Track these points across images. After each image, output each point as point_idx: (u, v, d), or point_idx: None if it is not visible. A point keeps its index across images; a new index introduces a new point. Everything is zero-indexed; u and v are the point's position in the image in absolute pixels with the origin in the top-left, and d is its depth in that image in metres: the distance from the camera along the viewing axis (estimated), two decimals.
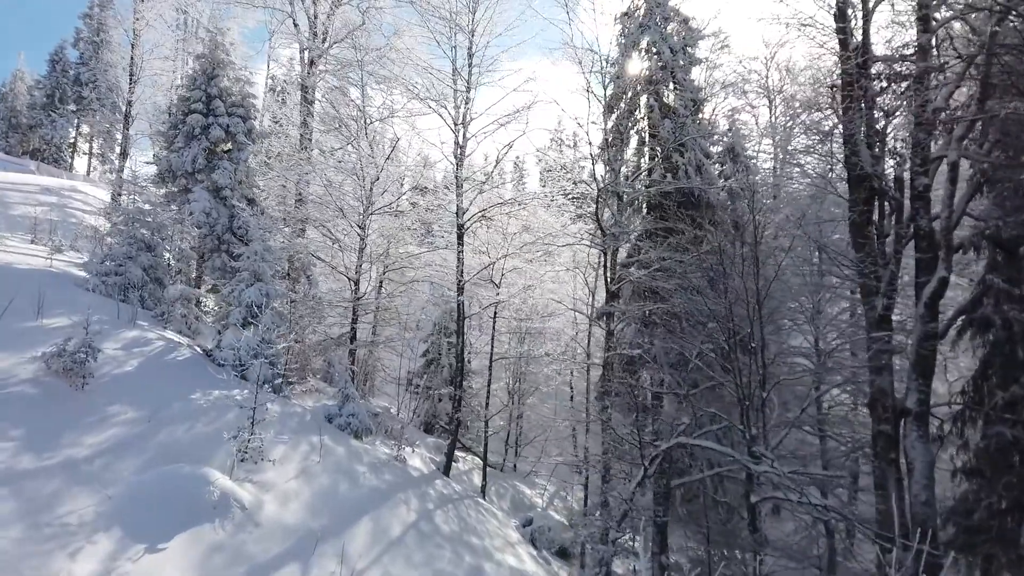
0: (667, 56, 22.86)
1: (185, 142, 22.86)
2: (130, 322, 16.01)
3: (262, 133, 24.41)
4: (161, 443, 11.73)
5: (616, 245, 19.64)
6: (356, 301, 20.91)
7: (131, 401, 12.53)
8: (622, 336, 21.01)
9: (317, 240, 23.57)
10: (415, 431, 22.61)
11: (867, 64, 16.21)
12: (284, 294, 18.45)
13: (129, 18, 32.12)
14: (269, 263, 17.60)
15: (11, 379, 11.63)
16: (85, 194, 34.92)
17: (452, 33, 20.71)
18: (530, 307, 22.98)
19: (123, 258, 18.52)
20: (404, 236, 23.01)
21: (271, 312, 17.17)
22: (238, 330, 16.77)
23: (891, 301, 15.07)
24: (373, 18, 24.78)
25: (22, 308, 14.26)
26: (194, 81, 23.52)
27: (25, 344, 12.82)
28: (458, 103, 20.68)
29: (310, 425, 15.87)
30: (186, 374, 15.01)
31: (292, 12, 27.08)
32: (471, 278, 20.56)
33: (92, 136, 61.41)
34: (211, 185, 22.61)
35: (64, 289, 16.88)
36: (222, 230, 22.41)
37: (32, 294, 14.88)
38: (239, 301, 17.00)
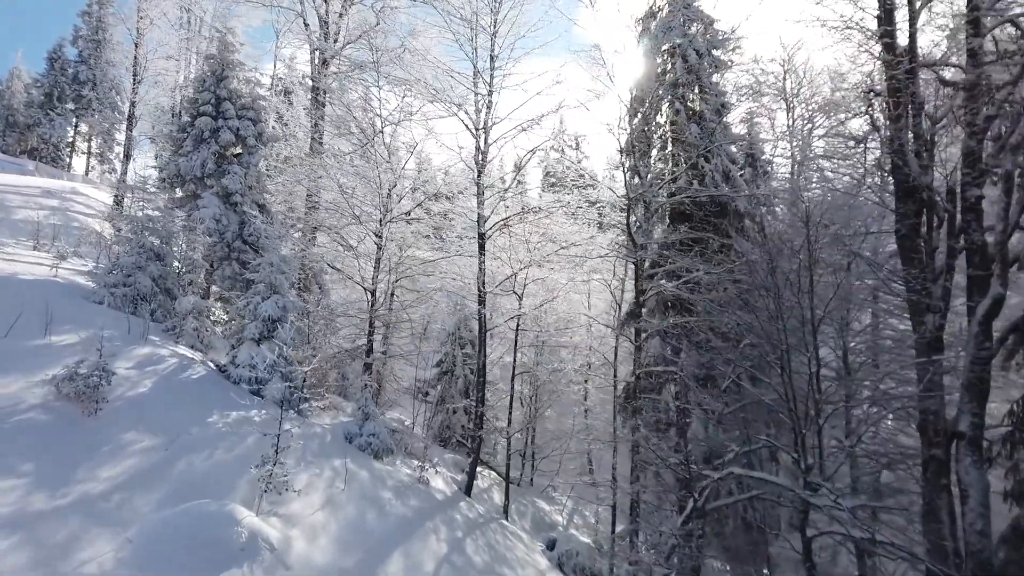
0: (693, 59, 22.13)
1: (194, 146, 22.04)
2: (141, 337, 15.22)
3: (272, 136, 23.56)
4: (180, 474, 10.97)
5: (646, 257, 18.83)
6: (373, 312, 20.12)
7: (147, 427, 11.77)
8: (647, 349, 20.28)
9: (329, 247, 22.80)
10: (432, 446, 21.85)
11: (914, 70, 15.52)
12: (301, 307, 17.67)
13: (133, 17, 31.30)
14: (286, 275, 16.82)
15: (20, 405, 10.86)
16: (87, 196, 34.06)
17: (473, 35, 19.92)
18: (554, 319, 22.14)
19: (131, 268, 17.73)
20: (418, 243, 22.23)
21: (288, 326, 16.41)
22: (253, 345, 15.99)
23: (943, 319, 14.37)
24: (387, 18, 24.02)
25: (29, 323, 13.50)
26: (203, 83, 22.70)
27: (34, 365, 12.06)
28: (479, 107, 19.90)
29: (331, 447, 15.12)
30: (202, 394, 14.24)
31: (302, 11, 26.32)
32: (493, 289, 19.80)
33: (91, 135, 60.49)
34: (221, 190, 21.81)
35: (71, 302, 16.09)
36: (232, 237, 21.61)
37: (39, 308, 14.13)
38: (255, 315, 16.22)
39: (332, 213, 22.67)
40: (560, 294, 21.22)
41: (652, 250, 19.43)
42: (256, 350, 15.93)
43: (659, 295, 19.87)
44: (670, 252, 19.38)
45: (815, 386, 12.00)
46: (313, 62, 25.87)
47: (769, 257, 13.21)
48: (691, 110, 22.16)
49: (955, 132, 15.63)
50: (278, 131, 24.75)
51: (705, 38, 22.98)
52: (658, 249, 19.52)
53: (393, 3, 24.00)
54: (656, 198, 19.65)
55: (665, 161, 22.25)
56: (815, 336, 12.26)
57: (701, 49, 22.58)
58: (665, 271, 19.78)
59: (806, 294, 12.33)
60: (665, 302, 21.22)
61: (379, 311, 20.56)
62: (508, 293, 20.47)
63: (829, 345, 19.19)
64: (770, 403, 13.29)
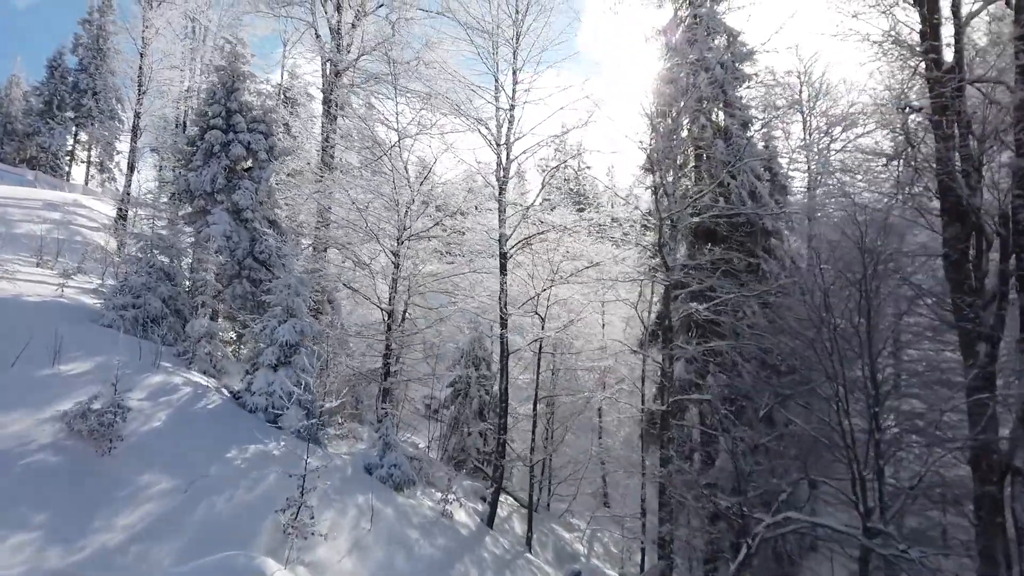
0: (718, 73, 21.52)
1: (204, 160, 21.33)
2: (153, 364, 14.49)
3: (284, 150, 22.86)
4: (201, 520, 10.23)
5: (679, 279, 18.09)
6: (390, 334, 19.38)
7: (163, 466, 11.04)
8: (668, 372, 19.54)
9: (342, 265, 22.10)
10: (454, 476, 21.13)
11: (962, 87, 14.92)
12: (320, 332, 16.95)
13: (137, 26, 30.58)
14: (303, 297, 16.10)
15: (30, 445, 10.13)
16: (90, 209, 33.35)
17: (494, 47, 19.28)
18: (580, 343, 21.28)
19: (141, 289, 17.01)
20: (434, 260, 21.49)
21: (306, 351, 15.69)
22: (270, 372, 15.26)
23: (996, 348, 13.70)
24: (402, 29, 23.35)
25: (36, 351, 12.76)
26: (213, 95, 22.01)
27: (42, 398, 11.34)
28: (500, 121, 19.24)
29: (352, 480, 14.39)
30: (218, 426, 13.51)
31: (314, 22, 25.66)
32: (517, 310, 19.10)
33: (91, 144, 59.73)
34: (231, 206, 21.10)
35: (79, 326, 15.35)
36: (243, 255, 20.88)
37: (46, 334, 13.39)
38: (271, 339, 15.49)
39: (345, 230, 21.96)
40: (585, 315, 20.42)
41: (677, 270, 18.71)
42: (273, 377, 15.20)
43: (688, 316, 19.17)
44: (696, 272, 18.68)
45: (875, 424, 11.29)
46: (325, 74, 25.19)
47: (822, 286, 12.48)
48: (716, 125, 21.55)
49: (1005, 153, 15.06)
50: (289, 144, 23.98)
51: (729, 51, 22.40)
52: (682, 269, 18.80)
53: (408, 14, 23.36)
54: (685, 217, 18.94)
55: (689, 178, 21.63)
56: (874, 370, 11.57)
57: (726, 62, 21.99)
58: (691, 292, 19.08)
59: (863, 325, 11.63)
60: (691, 324, 20.55)
61: (396, 332, 19.79)
62: (529, 314, 19.72)
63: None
64: (824, 440, 12.55)
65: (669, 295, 18.30)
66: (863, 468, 11.19)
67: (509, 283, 19.44)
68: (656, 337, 21.03)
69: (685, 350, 18.06)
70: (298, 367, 15.39)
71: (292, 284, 15.92)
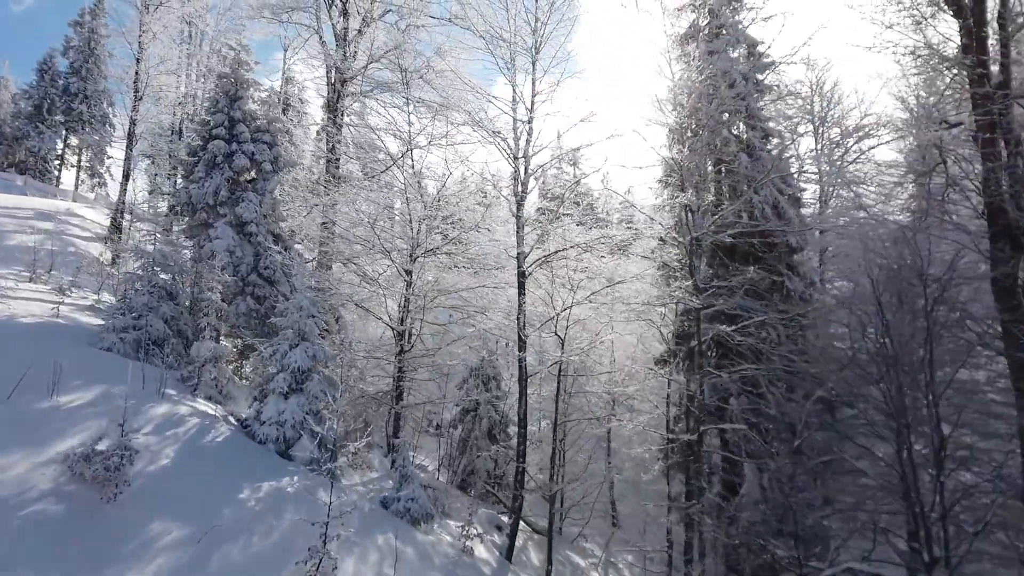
0: (740, 85, 20.83)
1: (206, 171, 20.43)
2: (157, 392, 13.61)
3: (289, 161, 22.00)
4: (217, 572, 9.38)
5: (710, 303, 17.26)
6: (401, 355, 18.50)
7: (174, 512, 10.18)
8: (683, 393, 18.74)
9: (349, 281, 21.23)
10: (463, 498, 20.29)
11: (1009, 104, 14.25)
12: (332, 356, 16.09)
13: (134, 30, 29.61)
14: (315, 319, 15.25)
15: (29, 492, 9.25)
16: (82, 218, 32.33)
17: (512, 57, 18.53)
18: (597, 363, 20.38)
19: (142, 308, 16.13)
20: (448, 277, 20.61)
21: (319, 378, 14.84)
22: (281, 400, 14.40)
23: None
24: (412, 36, 22.54)
25: (33, 380, 11.87)
26: (215, 103, 21.12)
27: (42, 436, 10.48)
28: (518, 134, 18.47)
29: (370, 518, 13.55)
30: (229, 462, 12.66)
31: (318, 28, 24.83)
32: (535, 330, 18.27)
33: (81, 149, 58.56)
34: (234, 220, 20.21)
35: (77, 350, 14.46)
36: (247, 270, 19.99)
37: (42, 359, 12.53)
38: (282, 365, 14.64)
39: (352, 244, 21.09)
40: (603, 336, 19.54)
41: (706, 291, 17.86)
42: (284, 405, 14.34)
43: (711, 338, 18.40)
44: (724, 292, 17.90)
45: (939, 467, 10.53)
46: (330, 81, 24.34)
47: (882, 317, 11.71)
48: (739, 138, 20.86)
49: None
50: (294, 155, 23.13)
51: (749, 61, 21.73)
52: (711, 290, 17.97)
53: (419, 21, 22.56)
54: (709, 234, 18.15)
55: (707, 192, 20.87)
56: (936, 407, 10.82)
57: (748, 74, 21.32)
58: (713, 312, 18.30)
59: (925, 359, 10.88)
60: (711, 345, 19.82)
61: (408, 353, 18.91)
62: (550, 335, 18.89)
63: None
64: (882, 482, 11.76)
65: (699, 318, 17.49)
66: (926, 516, 10.41)
67: (529, 301, 18.63)
68: (673, 357, 20.27)
69: (718, 376, 17.26)
70: (311, 394, 14.55)
71: (304, 306, 15.07)
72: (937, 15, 16.42)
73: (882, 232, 17.90)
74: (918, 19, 16.93)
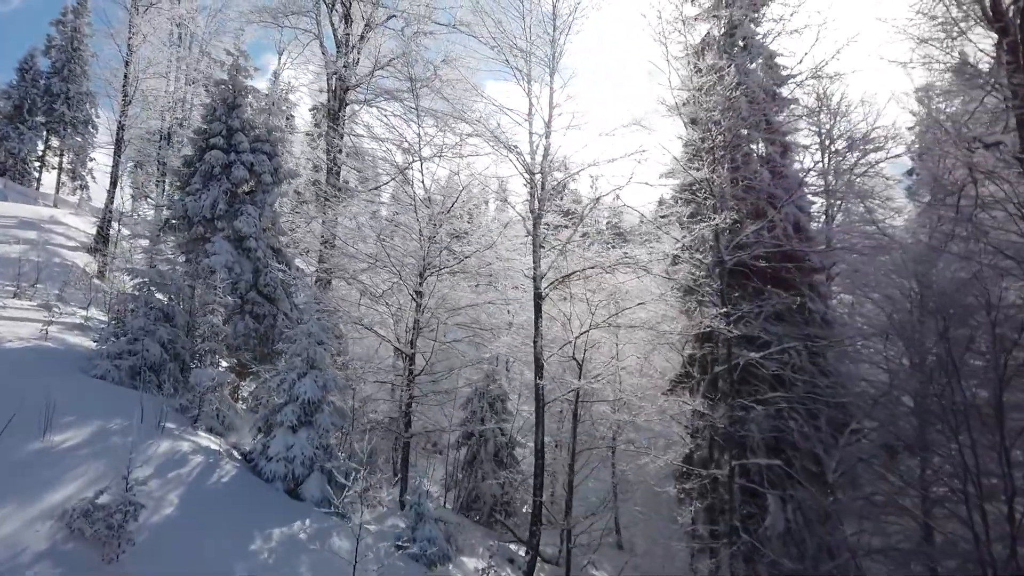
0: (759, 97, 20.10)
1: (203, 183, 19.39)
2: (157, 427, 12.62)
3: (289, 172, 21.02)
4: None
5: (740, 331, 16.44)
6: (411, 381, 17.54)
7: (183, 571, 9.23)
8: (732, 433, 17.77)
9: (351, 298, 20.29)
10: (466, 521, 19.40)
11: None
12: (344, 386, 15.14)
13: (123, 31, 28.45)
14: (325, 345, 14.30)
15: (22, 555, 8.28)
16: (67, 226, 31.12)
17: (528, 67, 17.70)
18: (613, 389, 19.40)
19: (138, 331, 15.11)
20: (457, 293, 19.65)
21: (329, 409, 13.91)
22: (289, 433, 13.44)
23: None
24: (419, 44, 21.63)
25: (24, 416, 10.86)
26: (213, 111, 20.10)
27: (35, 483, 9.52)
28: (534, 148, 17.63)
29: (386, 562, 12.60)
30: (237, 507, 11.72)
31: (319, 33, 23.87)
32: (552, 354, 17.39)
33: (62, 151, 57.00)
34: (232, 234, 19.21)
35: (69, 379, 13.46)
36: (246, 287, 18.99)
37: (33, 391, 11.56)
38: (290, 395, 13.68)
39: (353, 259, 20.09)
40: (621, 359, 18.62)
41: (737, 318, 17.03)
42: (292, 440, 13.39)
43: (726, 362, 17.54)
44: (753, 317, 17.12)
45: (1012, 521, 9.79)
46: (331, 88, 23.36)
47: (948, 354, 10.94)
48: (758, 154, 20.14)
49: None
50: (294, 166, 22.16)
51: (770, 74, 21.02)
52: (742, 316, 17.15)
53: (427, 28, 21.65)
54: (736, 255, 17.35)
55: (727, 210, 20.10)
56: (1007, 456, 10.07)
57: (766, 86, 20.61)
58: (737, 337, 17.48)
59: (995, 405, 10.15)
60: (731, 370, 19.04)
61: (417, 377, 17.93)
62: (568, 359, 18.00)
63: None
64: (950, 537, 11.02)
65: (731, 346, 16.70)
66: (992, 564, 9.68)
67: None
68: (688, 379, 19.47)
69: (754, 408, 16.44)
70: (321, 427, 13.61)
71: (313, 332, 14.12)
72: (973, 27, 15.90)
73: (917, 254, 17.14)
74: (954, 34, 16.39)
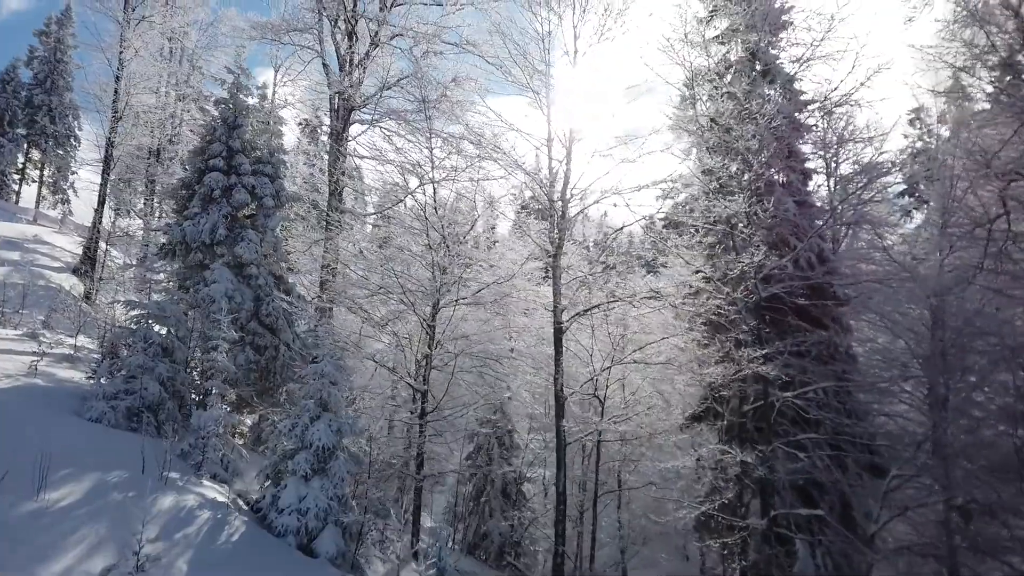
0: (782, 127, 19.47)
1: (202, 207, 18.41)
2: (160, 479, 11.58)
3: (292, 195, 20.10)
4: None
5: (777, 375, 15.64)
6: (425, 419, 16.57)
7: None
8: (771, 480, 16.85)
9: (359, 329, 19.33)
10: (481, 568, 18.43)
11: None
12: (361, 431, 14.16)
13: (114, 46, 27.39)
14: (338, 386, 13.34)
15: None
16: (52, 246, 29.90)
17: (546, 89, 16.96)
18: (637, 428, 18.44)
19: (135, 368, 14.09)
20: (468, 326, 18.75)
21: (344, 456, 12.95)
22: (301, 484, 12.45)
23: None
24: (429, 63, 20.84)
25: (17, 473, 9.84)
26: (212, 131, 19.15)
27: (31, 556, 8.47)
28: (554, 175, 16.84)
29: None
30: (249, 569, 10.70)
31: (321, 51, 23.00)
32: (572, 392, 16.54)
33: (43, 164, 55.58)
34: (232, 260, 18.23)
35: (63, 424, 12.46)
36: (247, 317, 17.99)
37: (26, 442, 10.56)
38: (303, 442, 12.70)
39: (357, 286, 19.20)
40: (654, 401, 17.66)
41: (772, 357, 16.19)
42: (305, 490, 12.39)
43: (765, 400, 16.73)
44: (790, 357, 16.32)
45: None
46: (333, 107, 22.48)
47: None
48: (781, 182, 19.51)
49: None
50: (298, 189, 21.23)
51: (791, 102, 20.42)
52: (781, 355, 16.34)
53: (438, 47, 20.85)
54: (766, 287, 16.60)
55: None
56: None
57: (788, 113, 20.00)
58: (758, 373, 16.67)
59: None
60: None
61: (429, 414, 16.96)
62: (590, 396, 17.16)
63: None
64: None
65: (768, 387, 15.90)
66: None
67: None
68: (711, 419, 18.67)
69: (791, 452, 15.63)
70: (336, 476, 12.62)
71: (327, 372, 13.16)
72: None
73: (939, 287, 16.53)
74: (991, 65, 15.90)
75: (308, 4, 22.93)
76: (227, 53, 36.73)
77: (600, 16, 16.75)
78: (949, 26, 17.64)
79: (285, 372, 18.44)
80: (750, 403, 16.42)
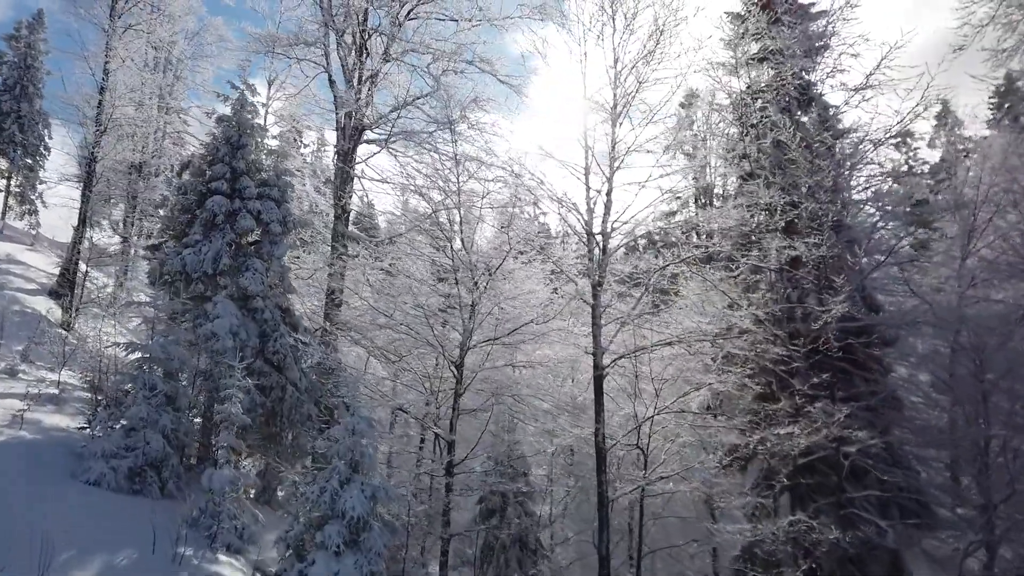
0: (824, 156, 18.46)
1: (204, 233, 16.81)
2: (175, 560, 10.05)
3: (300, 220, 18.60)
4: None
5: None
6: (451, 468, 15.04)
7: None
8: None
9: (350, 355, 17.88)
10: None
11: None
12: (397, 497, 12.64)
13: (99, 55, 25.62)
14: (371, 440, 11.85)
15: None
16: (26, 266, 27.88)
17: (584, 115, 15.71)
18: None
19: (137, 421, 12.50)
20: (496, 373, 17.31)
21: (379, 525, 11.45)
22: (332, 559, 10.93)
23: None
24: (450, 82, 19.50)
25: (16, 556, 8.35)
26: (215, 151, 17.57)
27: None
28: (592, 205, 15.56)
29: None
30: None
31: (327, 67, 21.54)
32: (615, 443, 15.18)
33: (10, 174, 52.99)
34: (237, 292, 16.66)
35: (60, 491, 10.86)
36: (252, 354, 16.36)
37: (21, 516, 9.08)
38: (332, 510, 11.19)
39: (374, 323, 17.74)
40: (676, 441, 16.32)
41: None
42: (337, 566, 10.88)
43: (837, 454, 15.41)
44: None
45: None
46: (339, 126, 21.01)
47: None
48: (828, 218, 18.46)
49: None
50: (304, 213, 19.73)
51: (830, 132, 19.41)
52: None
53: (458, 66, 19.51)
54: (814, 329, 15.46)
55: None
56: None
57: (828, 141, 19.01)
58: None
59: None
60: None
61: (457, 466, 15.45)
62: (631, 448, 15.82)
63: None
64: None
65: (840, 445, 14.66)
66: None
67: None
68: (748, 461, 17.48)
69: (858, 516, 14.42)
70: (371, 551, 11.12)
71: (358, 428, 11.67)
72: None
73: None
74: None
75: (314, 16, 21.49)
76: (212, 63, 35.37)
77: (643, 41, 15.47)
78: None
79: (292, 414, 16.91)
80: (802, 454, 15.09)
